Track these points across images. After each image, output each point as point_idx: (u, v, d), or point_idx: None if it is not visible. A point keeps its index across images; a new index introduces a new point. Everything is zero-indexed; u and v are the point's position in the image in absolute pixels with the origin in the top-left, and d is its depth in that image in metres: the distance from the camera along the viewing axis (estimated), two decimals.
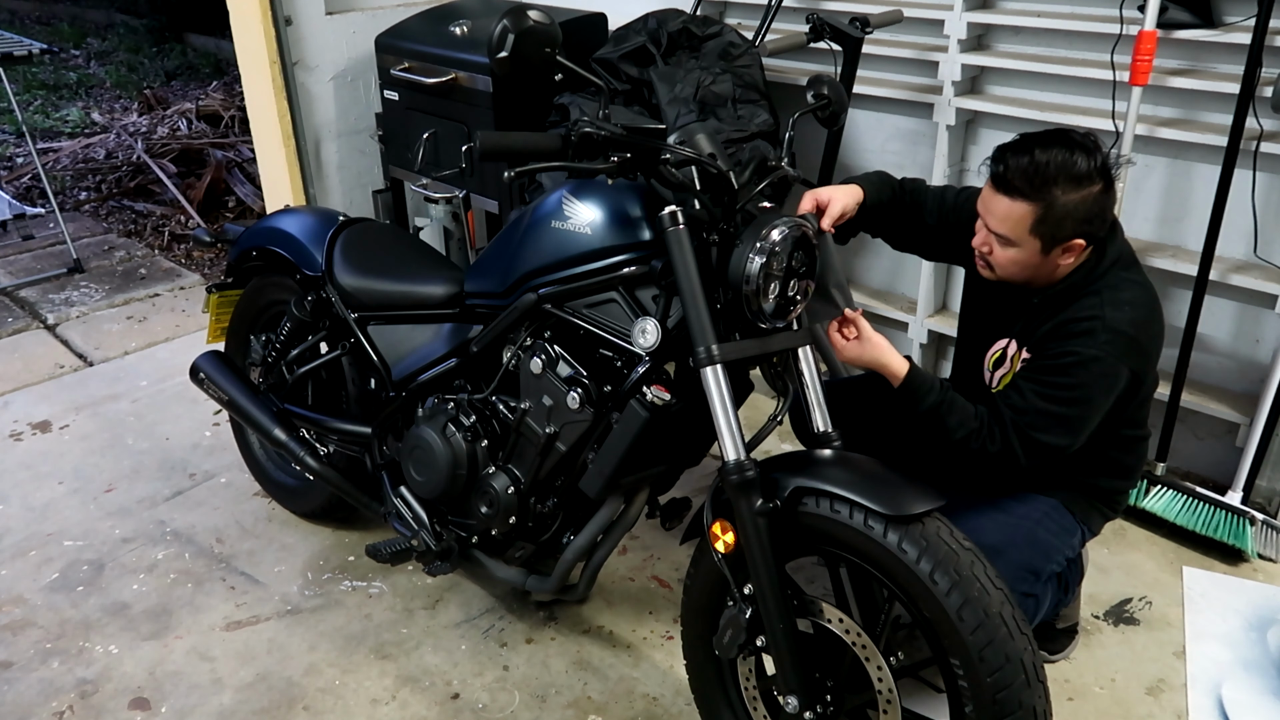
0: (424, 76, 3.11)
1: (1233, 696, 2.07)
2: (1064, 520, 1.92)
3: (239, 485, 2.80)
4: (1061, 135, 1.72)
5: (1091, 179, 1.69)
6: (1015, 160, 1.70)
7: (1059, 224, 1.70)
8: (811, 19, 2.71)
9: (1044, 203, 1.69)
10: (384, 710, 2.06)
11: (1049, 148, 1.69)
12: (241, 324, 2.64)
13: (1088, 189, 1.69)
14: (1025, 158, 1.70)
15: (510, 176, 1.57)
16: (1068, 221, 1.70)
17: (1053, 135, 1.72)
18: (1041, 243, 1.73)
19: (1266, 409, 2.46)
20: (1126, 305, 1.75)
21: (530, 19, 1.54)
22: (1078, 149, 1.69)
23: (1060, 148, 1.69)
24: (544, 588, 2.06)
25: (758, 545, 1.54)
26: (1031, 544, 1.86)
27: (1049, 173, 1.68)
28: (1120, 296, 1.76)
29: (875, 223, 2.07)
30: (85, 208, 5.19)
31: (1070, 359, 1.73)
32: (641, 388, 1.69)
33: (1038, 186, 1.69)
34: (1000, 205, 1.74)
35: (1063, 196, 1.68)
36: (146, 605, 2.35)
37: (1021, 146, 1.72)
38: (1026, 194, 1.70)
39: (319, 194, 3.62)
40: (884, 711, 1.57)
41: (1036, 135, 1.74)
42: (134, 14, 10.00)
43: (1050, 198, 1.69)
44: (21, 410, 3.21)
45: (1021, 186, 1.70)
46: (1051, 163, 1.68)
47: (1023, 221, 1.72)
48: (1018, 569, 1.81)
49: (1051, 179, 1.68)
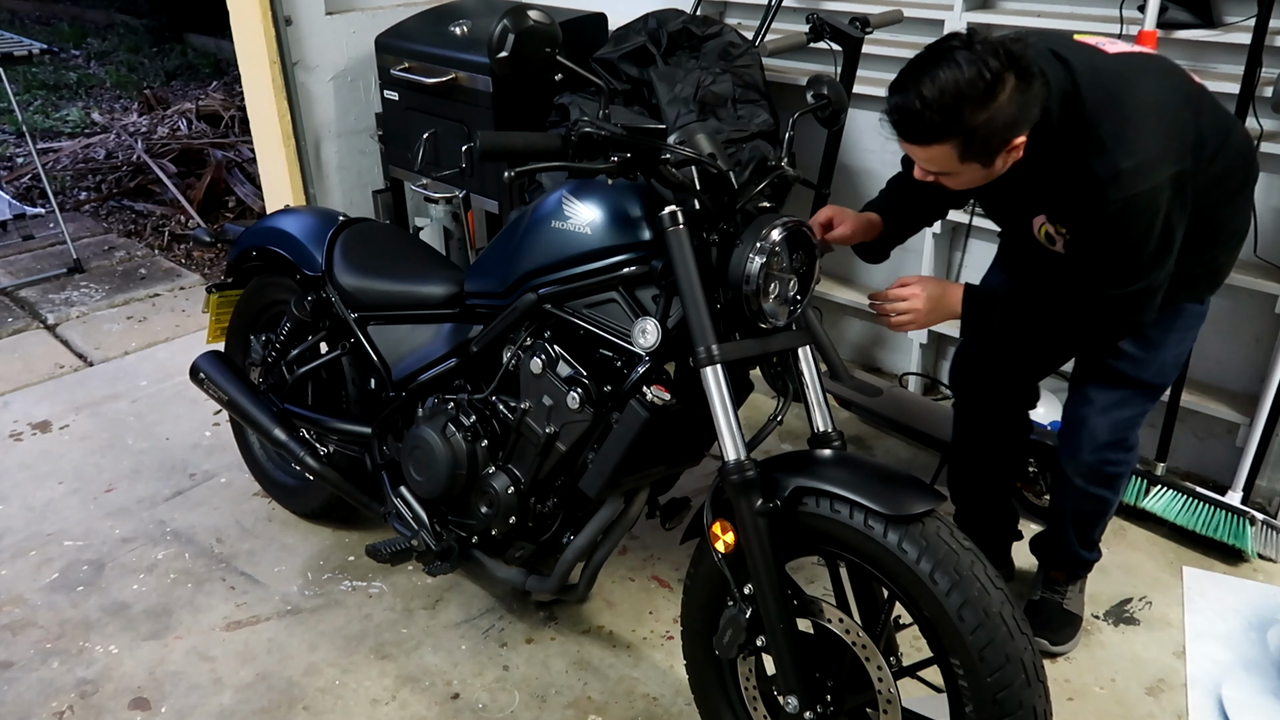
0: (424, 76, 3.11)
1: (1233, 696, 2.07)
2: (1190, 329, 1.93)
3: (239, 485, 2.80)
4: (939, 53, 1.52)
5: (995, 83, 1.50)
6: (906, 107, 1.54)
7: (987, 143, 1.56)
8: (811, 19, 2.71)
9: (959, 135, 1.54)
10: (384, 710, 2.06)
11: (933, 75, 1.50)
12: (241, 324, 2.64)
13: (997, 96, 1.51)
14: (914, 100, 1.52)
15: (510, 176, 1.57)
16: (994, 137, 1.55)
17: (931, 56, 1.53)
18: (980, 162, 1.60)
19: (1266, 409, 2.46)
20: (1112, 140, 1.60)
21: (530, 19, 1.54)
22: (961, 58, 1.49)
23: (945, 68, 1.49)
24: (544, 588, 2.06)
25: (758, 545, 1.54)
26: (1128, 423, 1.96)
27: (947, 105, 1.50)
28: (1100, 136, 1.61)
29: (905, 231, 2.10)
30: (85, 208, 5.19)
31: (1102, 218, 1.63)
32: (641, 388, 1.69)
33: (942, 125, 1.53)
34: (917, 153, 1.62)
35: (975, 118, 1.52)
36: (146, 605, 2.35)
37: (905, 86, 1.54)
38: (935, 137, 1.55)
39: (319, 194, 3.62)
40: (884, 711, 1.57)
41: (915, 64, 1.54)
42: (134, 14, 10.00)
43: (962, 127, 1.53)
44: (21, 410, 3.21)
45: (925, 132, 1.55)
46: (945, 93, 1.49)
47: (948, 158, 1.60)
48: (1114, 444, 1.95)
49: (953, 110, 1.51)
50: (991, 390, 2.20)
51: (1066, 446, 2.04)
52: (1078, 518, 2.12)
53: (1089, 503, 2.08)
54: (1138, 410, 1.99)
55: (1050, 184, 1.71)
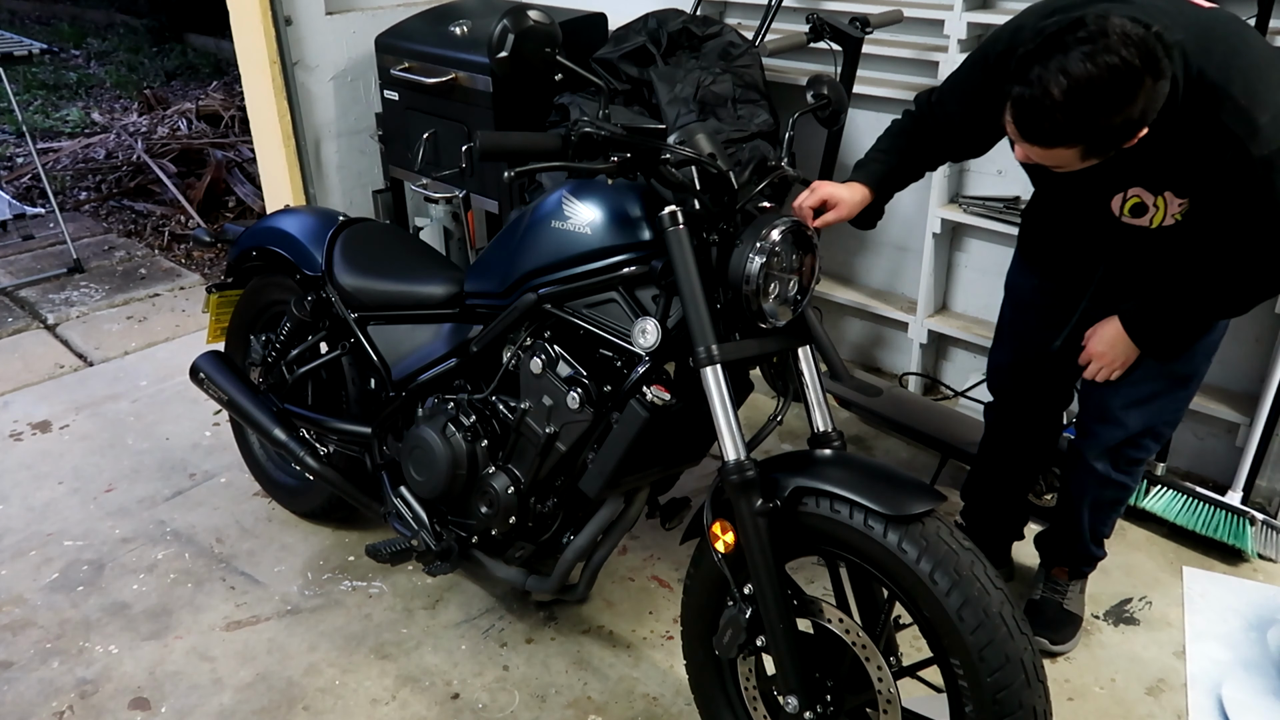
0: (424, 76, 3.11)
1: (1233, 696, 2.08)
2: None
3: (239, 485, 2.80)
4: (1069, 43, 1.38)
5: (1133, 84, 1.38)
6: (1033, 106, 1.43)
7: (1113, 140, 1.45)
8: (811, 19, 2.71)
9: (1088, 140, 1.45)
10: (384, 710, 2.06)
11: (1065, 70, 1.37)
12: (241, 324, 2.64)
13: (1135, 98, 1.39)
14: (1043, 100, 1.40)
15: (510, 176, 1.57)
16: (1122, 134, 1.44)
17: (1059, 45, 1.39)
18: (1100, 157, 1.50)
19: (1266, 409, 2.46)
20: (1244, 96, 1.49)
21: (530, 19, 1.54)
22: (1096, 53, 1.36)
23: (1078, 63, 1.37)
24: (544, 588, 2.06)
25: (758, 545, 1.54)
26: (1167, 418, 1.99)
27: (1079, 109, 1.39)
28: (1232, 94, 1.49)
29: (896, 190, 2.00)
30: (85, 208, 5.19)
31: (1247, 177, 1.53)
32: (641, 388, 1.69)
33: (1072, 129, 1.43)
34: (1039, 154, 1.52)
35: (1108, 121, 1.41)
36: (146, 605, 2.35)
37: (1030, 78, 1.41)
38: (1062, 140, 1.45)
39: (319, 194, 3.62)
40: (884, 711, 1.57)
41: (1041, 53, 1.41)
42: (134, 14, 10.00)
43: (1093, 130, 1.43)
44: (21, 410, 3.21)
45: (1052, 135, 1.45)
46: (1078, 94, 1.38)
47: (1072, 158, 1.50)
48: (1150, 437, 1.98)
49: (1086, 114, 1.40)
50: (1029, 396, 2.17)
51: (1091, 437, 2.02)
52: (1096, 507, 2.11)
53: (1109, 490, 2.07)
54: (1178, 401, 1.96)
55: (1163, 153, 1.58)
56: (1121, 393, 1.95)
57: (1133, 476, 2.07)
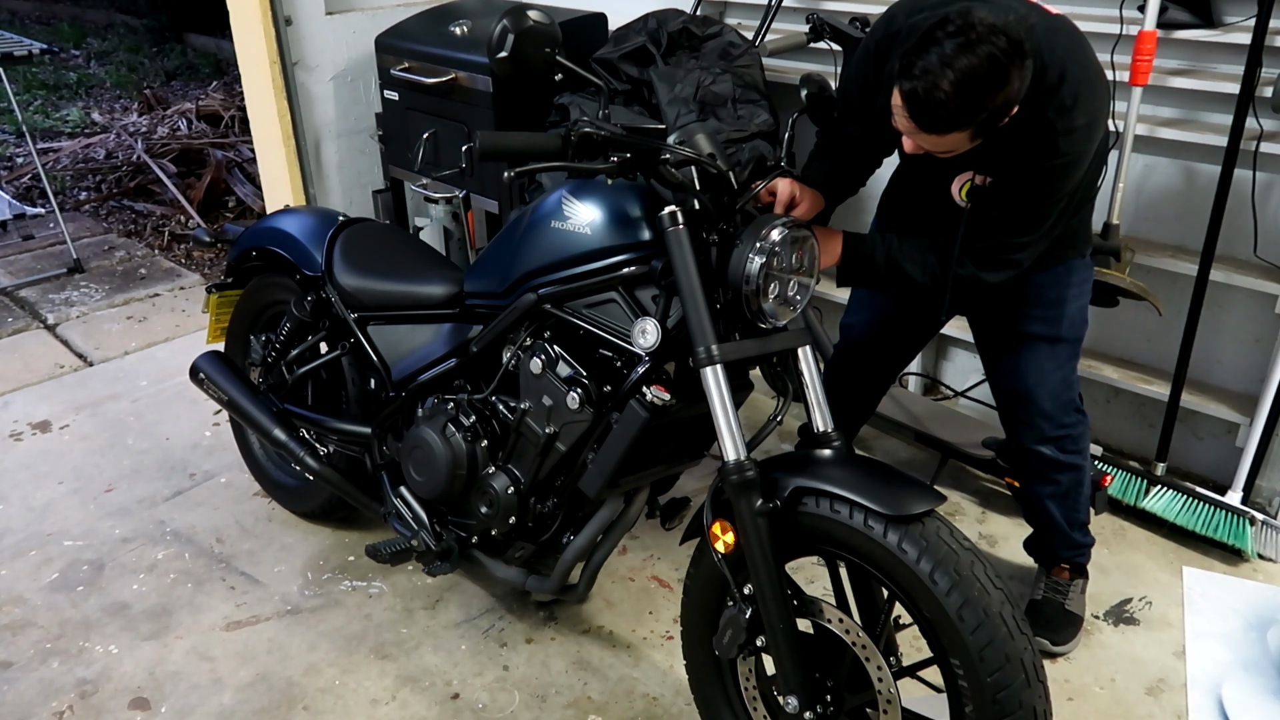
0: (424, 76, 3.11)
1: (1233, 696, 2.08)
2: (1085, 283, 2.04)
3: (239, 485, 2.80)
4: (942, 39, 1.50)
5: (1009, 67, 1.50)
6: (927, 100, 1.52)
7: (996, 118, 1.57)
8: (811, 19, 2.71)
9: (976, 122, 1.55)
10: (384, 710, 2.06)
11: (950, 64, 1.49)
12: (241, 324, 2.64)
13: (1008, 80, 1.51)
14: (935, 93, 1.51)
15: (510, 176, 1.57)
16: (1003, 111, 1.56)
17: (934, 41, 1.51)
18: (986, 136, 1.61)
19: (1266, 409, 2.46)
20: (1070, 98, 1.64)
21: (530, 19, 1.55)
22: (971, 45, 1.48)
23: (959, 56, 1.48)
24: (544, 588, 2.06)
25: (758, 545, 1.54)
26: (1065, 383, 2.06)
27: (968, 96, 1.50)
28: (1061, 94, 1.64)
29: (844, 196, 2.11)
30: (85, 208, 5.19)
31: (1044, 169, 1.69)
32: (641, 388, 1.69)
33: (963, 114, 1.53)
34: (931, 142, 1.62)
35: (992, 103, 1.53)
36: (146, 605, 2.35)
37: (915, 74, 1.52)
38: (955, 126, 1.55)
39: (319, 194, 3.62)
40: (884, 711, 1.57)
41: (919, 50, 1.52)
42: (134, 14, 10.01)
43: (981, 114, 1.54)
44: (21, 410, 3.21)
45: (945, 123, 1.55)
46: (966, 83, 1.49)
47: (963, 140, 1.61)
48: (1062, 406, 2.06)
49: (974, 100, 1.51)
50: (870, 357, 2.32)
51: (1022, 424, 2.11)
52: (1059, 497, 2.17)
53: (1064, 473, 2.13)
54: (1067, 367, 2.08)
55: (996, 138, 1.67)
56: (1029, 370, 2.06)
57: (1081, 454, 2.15)
